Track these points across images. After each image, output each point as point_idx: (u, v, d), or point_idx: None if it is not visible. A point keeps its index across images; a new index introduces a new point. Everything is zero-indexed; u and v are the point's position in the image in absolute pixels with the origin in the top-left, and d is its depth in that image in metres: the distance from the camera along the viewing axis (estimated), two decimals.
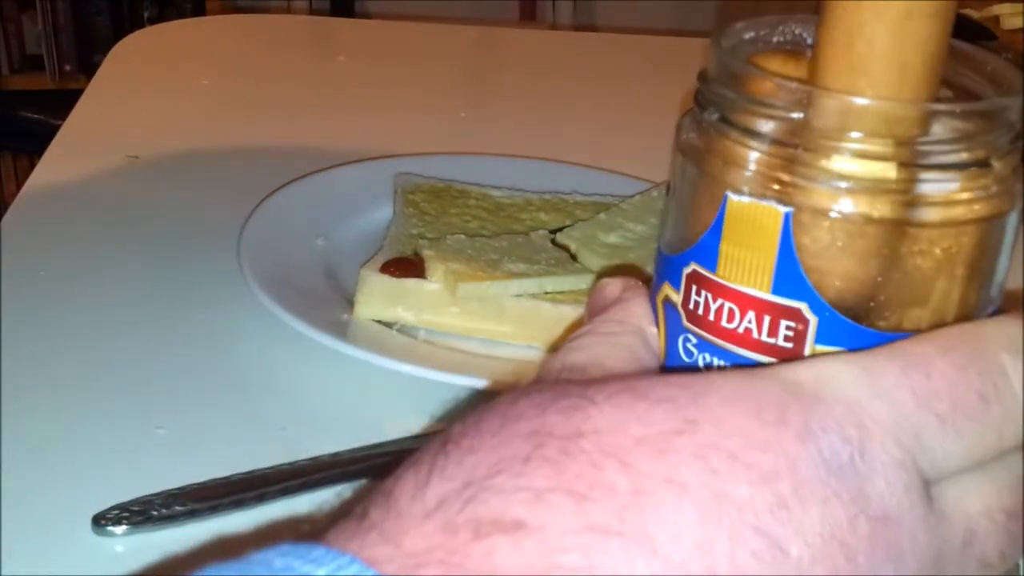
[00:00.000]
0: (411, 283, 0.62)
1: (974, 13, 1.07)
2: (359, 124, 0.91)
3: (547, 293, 0.62)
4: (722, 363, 0.30)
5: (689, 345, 0.30)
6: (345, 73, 1.05)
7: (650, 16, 2.31)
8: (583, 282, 0.63)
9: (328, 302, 0.63)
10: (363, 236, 0.70)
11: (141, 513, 0.47)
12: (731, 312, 0.29)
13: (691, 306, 0.30)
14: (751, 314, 0.29)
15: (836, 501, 0.24)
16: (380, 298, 0.62)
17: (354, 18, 2.15)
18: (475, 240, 0.66)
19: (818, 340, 0.28)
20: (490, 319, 0.62)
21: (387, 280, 0.62)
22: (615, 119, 0.96)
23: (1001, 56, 0.31)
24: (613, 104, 1.00)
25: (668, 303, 0.31)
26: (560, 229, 0.69)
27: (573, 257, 0.66)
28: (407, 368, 0.56)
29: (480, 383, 0.55)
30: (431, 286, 0.62)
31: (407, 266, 0.63)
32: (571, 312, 0.61)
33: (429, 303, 0.62)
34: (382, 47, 1.12)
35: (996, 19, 1.06)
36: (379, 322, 0.62)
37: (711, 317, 0.30)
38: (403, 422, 0.55)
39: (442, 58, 1.12)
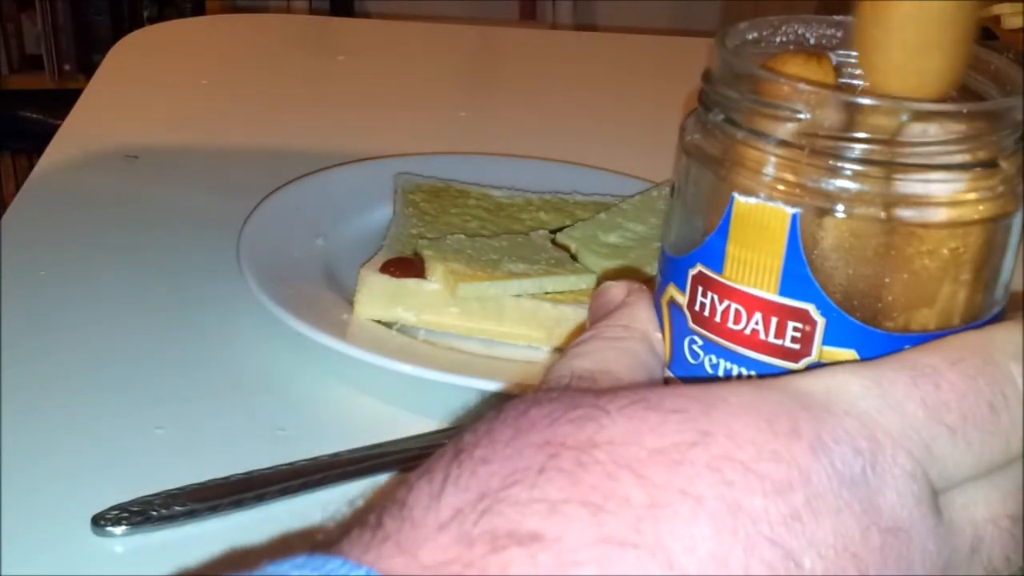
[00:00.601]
0: (411, 283, 0.62)
1: None
2: (359, 124, 0.91)
3: (547, 293, 0.62)
4: (728, 365, 0.30)
5: (695, 347, 0.30)
6: (345, 73, 1.05)
7: (650, 16, 2.31)
8: (583, 282, 0.63)
9: (328, 302, 0.63)
10: (363, 236, 0.70)
11: (140, 513, 0.47)
12: (738, 313, 0.29)
13: (697, 307, 0.30)
14: (758, 315, 0.29)
15: (848, 513, 0.24)
16: (380, 298, 0.61)
17: (354, 18, 2.15)
18: (475, 240, 0.66)
19: (826, 341, 0.28)
20: (490, 319, 0.62)
21: (387, 280, 0.61)
22: (615, 119, 0.96)
23: (1004, 55, 0.31)
24: (613, 104, 1.00)
25: (673, 305, 0.31)
26: (560, 229, 0.69)
27: (573, 257, 0.66)
28: (407, 368, 0.56)
29: (480, 383, 0.55)
30: (431, 286, 0.62)
31: (407, 266, 0.62)
32: (571, 312, 0.61)
33: (429, 303, 0.62)
34: (382, 47, 1.12)
35: (996, 19, 1.06)
36: (379, 322, 0.62)
37: (717, 319, 0.29)
38: (403, 422, 0.55)
39: (442, 58, 1.12)
